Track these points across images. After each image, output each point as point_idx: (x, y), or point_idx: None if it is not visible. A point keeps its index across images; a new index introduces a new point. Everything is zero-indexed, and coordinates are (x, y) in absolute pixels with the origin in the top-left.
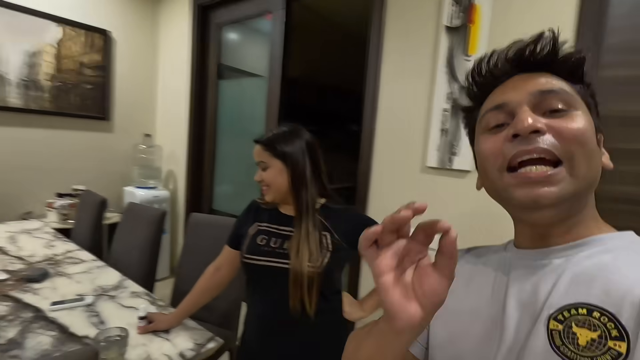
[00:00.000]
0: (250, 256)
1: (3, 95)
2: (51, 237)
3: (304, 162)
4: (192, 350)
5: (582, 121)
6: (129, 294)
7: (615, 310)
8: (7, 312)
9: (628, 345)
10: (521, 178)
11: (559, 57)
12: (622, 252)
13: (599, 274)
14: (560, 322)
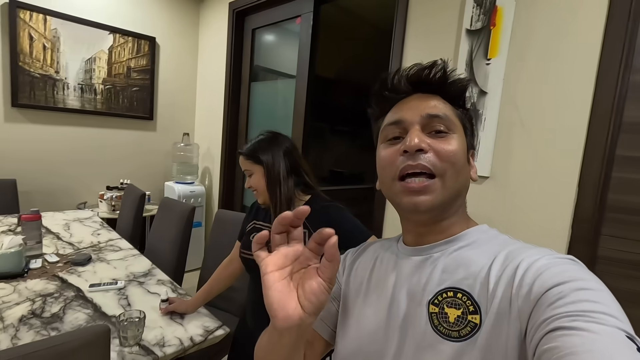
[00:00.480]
0: (244, 251)
1: (64, 98)
2: (98, 226)
3: (279, 163)
4: (201, 335)
5: (456, 144)
6: (155, 281)
7: (471, 290)
8: (54, 290)
9: (480, 317)
10: (406, 187)
11: (447, 82)
12: (478, 243)
13: (462, 263)
14: (436, 305)
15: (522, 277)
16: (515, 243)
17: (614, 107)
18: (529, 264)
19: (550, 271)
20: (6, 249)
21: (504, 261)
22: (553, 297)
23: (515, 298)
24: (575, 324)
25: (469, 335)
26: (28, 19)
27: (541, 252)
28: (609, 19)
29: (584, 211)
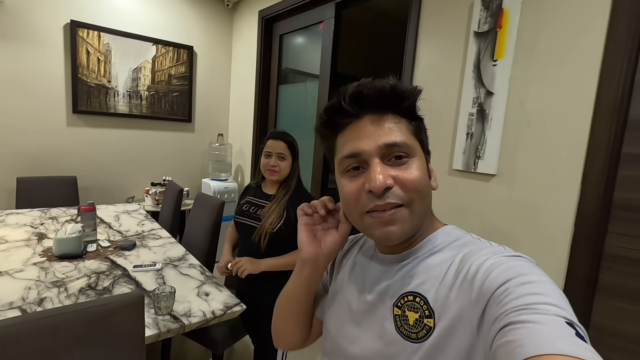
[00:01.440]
0: (237, 216)
1: (114, 104)
2: (143, 217)
3: (297, 163)
4: (221, 310)
5: (418, 169)
6: (187, 265)
7: (427, 294)
8: (106, 269)
9: (434, 321)
10: (376, 220)
11: (396, 99)
12: (440, 248)
13: (422, 269)
14: (399, 308)
15: (471, 281)
16: (472, 244)
17: (617, 105)
18: (478, 267)
19: (496, 271)
20: (69, 234)
21: (458, 266)
22: (500, 295)
23: (466, 303)
24: (521, 317)
25: (424, 337)
26: (85, 36)
27: (491, 252)
28: (612, 19)
29: (587, 208)
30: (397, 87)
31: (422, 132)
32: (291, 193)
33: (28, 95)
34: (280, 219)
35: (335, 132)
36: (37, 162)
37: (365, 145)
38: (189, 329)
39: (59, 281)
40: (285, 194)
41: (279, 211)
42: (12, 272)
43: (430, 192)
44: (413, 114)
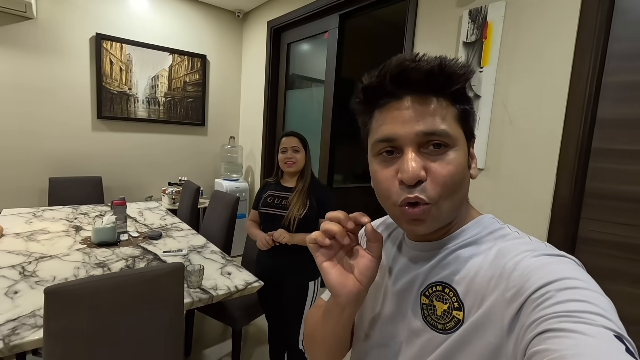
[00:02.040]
0: (263, 208)
1: (134, 110)
2: (164, 213)
3: (309, 156)
4: (243, 285)
5: (454, 162)
6: (209, 252)
7: (457, 286)
8: (139, 254)
9: (463, 314)
10: (405, 215)
11: (443, 81)
12: (475, 239)
13: (453, 260)
14: (427, 297)
15: (507, 279)
16: (509, 238)
17: (585, 105)
18: (515, 264)
19: (536, 271)
20: (105, 224)
21: (492, 260)
22: (539, 298)
23: (500, 301)
24: (563, 325)
25: (452, 329)
26: (109, 47)
27: (531, 249)
28: (580, 31)
29: (562, 196)
30: (445, 67)
31: (469, 117)
32: (309, 182)
33: (58, 103)
34: (304, 206)
35: (372, 110)
36: (66, 163)
37: (402, 131)
38: (216, 299)
39: (102, 263)
40: (304, 184)
41: (302, 199)
42: (60, 255)
43: (467, 182)
44: (461, 98)
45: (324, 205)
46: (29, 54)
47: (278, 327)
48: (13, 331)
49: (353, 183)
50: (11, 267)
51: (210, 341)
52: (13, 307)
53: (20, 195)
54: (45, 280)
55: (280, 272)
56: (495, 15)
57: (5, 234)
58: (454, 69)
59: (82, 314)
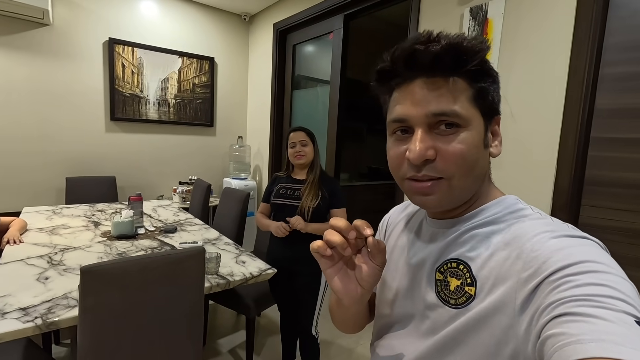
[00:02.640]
0: (276, 199)
1: (146, 111)
2: (177, 210)
3: (317, 149)
4: (257, 272)
5: (465, 141)
6: (223, 243)
7: (472, 263)
8: (157, 245)
9: (475, 289)
10: (414, 188)
11: (457, 61)
12: (494, 219)
13: (469, 238)
14: (442, 273)
15: (524, 259)
16: (530, 218)
17: (583, 97)
18: (534, 243)
19: (555, 252)
20: (124, 218)
21: (510, 239)
22: (558, 280)
23: (514, 280)
24: (582, 309)
25: (463, 304)
26: (121, 51)
27: (551, 229)
28: (576, 26)
29: (562, 184)
30: (456, 46)
31: (487, 95)
32: (319, 174)
33: (73, 106)
34: (317, 197)
35: (390, 90)
36: (82, 164)
37: (413, 112)
38: (233, 285)
39: (123, 253)
40: (315, 176)
41: (315, 191)
42: (83, 247)
43: (483, 161)
44: (478, 75)
45: (335, 196)
46: (46, 59)
47: (289, 316)
48: (49, 310)
49: (359, 181)
50: (39, 257)
51: (224, 331)
52: (46, 290)
53: (40, 194)
54: (72, 268)
55: (293, 260)
56: (495, 12)
57: (29, 229)
58: (465, 49)
59: (114, 291)
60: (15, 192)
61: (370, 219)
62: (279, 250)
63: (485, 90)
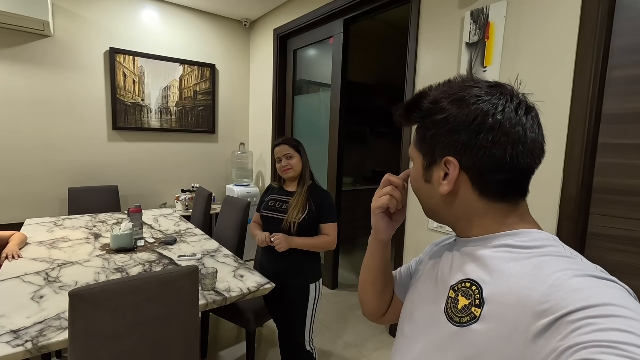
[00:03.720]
0: (264, 211)
1: (147, 120)
2: (178, 219)
3: (306, 158)
4: (255, 287)
5: (412, 173)
6: (222, 255)
7: (484, 285)
8: (155, 259)
9: (481, 312)
10: None
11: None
12: (515, 248)
13: (489, 261)
14: (455, 291)
15: (542, 291)
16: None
17: (589, 102)
18: (556, 278)
19: (578, 291)
20: (122, 231)
21: (532, 269)
22: (578, 321)
23: (528, 312)
24: (605, 357)
25: (465, 324)
26: (122, 60)
27: (577, 268)
28: (581, 29)
29: (569, 192)
30: (406, 105)
31: (423, 139)
32: (308, 187)
33: (75, 116)
34: (304, 210)
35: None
36: (85, 174)
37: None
38: (229, 301)
39: (120, 268)
40: (303, 188)
41: (302, 204)
42: (81, 261)
43: (430, 193)
44: (420, 123)
45: (324, 210)
46: (47, 70)
47: (285, 330)
48: (40, 333)
49: (363, 185)
50: (36, 273)
51: (225, 343)
52: (39, 310)
53: (43, 205)
54: (68, 285)
55: (280, 274)
56: (496, 15)
57: (29, 242)
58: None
59: (104, 315)
60: (18, 203)
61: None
62: (267, 263)
63: (421, 135)
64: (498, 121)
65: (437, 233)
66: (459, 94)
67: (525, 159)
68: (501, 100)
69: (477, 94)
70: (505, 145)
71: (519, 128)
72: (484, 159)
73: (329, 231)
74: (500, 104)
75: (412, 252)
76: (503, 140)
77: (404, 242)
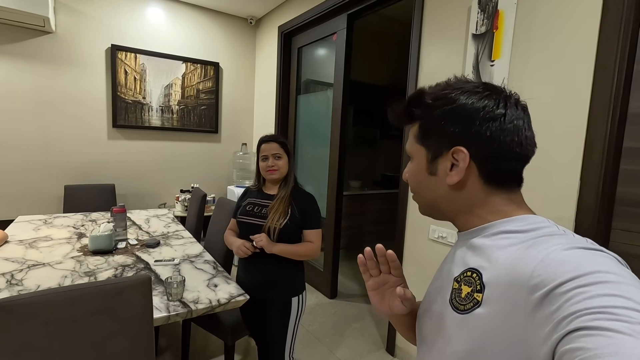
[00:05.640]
0: (241, 216)
1: (149, 118)
2: (170, 220)
3: (293, 160)
4: (226, 299)
5: (411, 169)
6: (202, 261)
7: (483, 271)
8: (131, 263)
9: (482, 296)
10: None
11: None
12: (512, 233)
13: (486, 248)
14: (458, 282)
15: (534, 267)
16: (551, 232)
17: (613, 99)
18: (546, 253)
19: (567, 261)
20: (101, 232)
21: (525, 249)
22: (569, 291)
23: (523, 289)
24: (597, 322)
25: (469, 310)
26: (124, 57)
27: (566, 241)
28: (604, 16)
29: (587, 203)
30: (406, 101)
31: (426, 133)
32: (291, 190)
33: (75, 113)
34: (285, 215)
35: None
36: (82, 171)
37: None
38: (196, 314)
39: (91, 272)
40: (286, 191)
41: (284, 208)
42: (53, 263)
43: (433, 186)
44: (420, 118)
45: (308, 215)
46: (48, 67)
47: (263, 346)
48: None
49: (371, 189)
50: (1, 274)
51: (210, 353)
52: None
53: (39, 202)
54: (27, 290)
55: (261, 287)
56: (507, 3)
57: (10, 240)
58: (409, 102)
59: (36, 329)
60: (15, 199)
61: (383, 229)
62: (245, 275)
63: (423, 130)
64: (504, 112)
65: (437, 244)
66: (462, 87)
67: (527, 147)
68: (501, 95)
69: (478, 89)
70: (512, 133)
71: (519, 120)
72: (493, 147)
73: (313, 238)
74: (501, 97)
75: (411, 263)
76: (510, 128)
77: (403, 253)
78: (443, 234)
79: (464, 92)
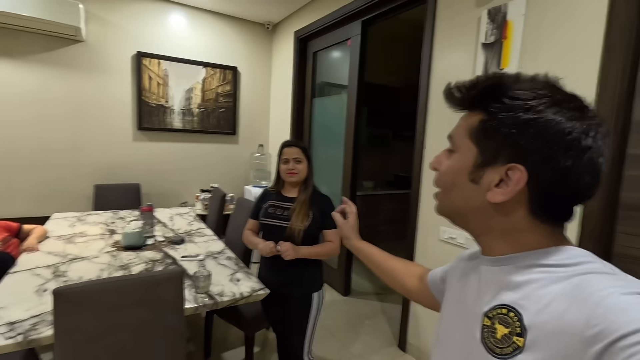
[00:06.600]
0: (264, 219)
1: (171, 121)
2: (192, 219)
3: (311, 165)
4: (248, 293)
5: (449, 164)
6: (225, 258)
7: (523, 312)
8: (160, 258)
9: (525, 341)
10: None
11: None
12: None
13: (524, 284)
14: (490, 319)
15: (588, 314)
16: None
17: (616, 107)
18: (601, 298)
19: (627, 312)
20: (132, 229)
21: (572, 290)
22: (632, 346)
23: (576, 338)
24: None
25: (509, 355)
26: (148, 64)
27: (623, 285)
28: (608, 27)
29: (591, 207)
30: (465, 86)
31: (488, 134)
32: (311, 193)
33: (103, 117)
34: (307, 218)
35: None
36: (109, 171)
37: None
38: (221, 305)
39: (125, 265)
40: (307, 195)
41: (305, 211)
42: (90, 257)
43: (469, 193)
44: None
45: (327, 216)
46: (79, 73)
47: (284, 340)
48: (33, 326)
49: (384, 190)
50: (47, 267)
51: (230, 344)
52: (39, 304)
53: (72, 200)
54: (72, 280)
55: (284, 284)
56: (515, 13)
57: (50, 236)
58: (469, 83)
59: (86, 314)
60: (49, 198)
61: (395, 229)
62: (268, 274)
63: (491, 130)
64: (591, 145)
65: (449, 245)
66: (553, 95)
67: (594, 189)
68: (593, 120)
69: (570, 103)
70: (591, 173)
71: (602, 159)
72: (562, 181)
73: (332, 237)
74: (593, 125)
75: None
76: (590, 166)
77: (415, 253)
78: (453, 235)
79: (552, 103)
